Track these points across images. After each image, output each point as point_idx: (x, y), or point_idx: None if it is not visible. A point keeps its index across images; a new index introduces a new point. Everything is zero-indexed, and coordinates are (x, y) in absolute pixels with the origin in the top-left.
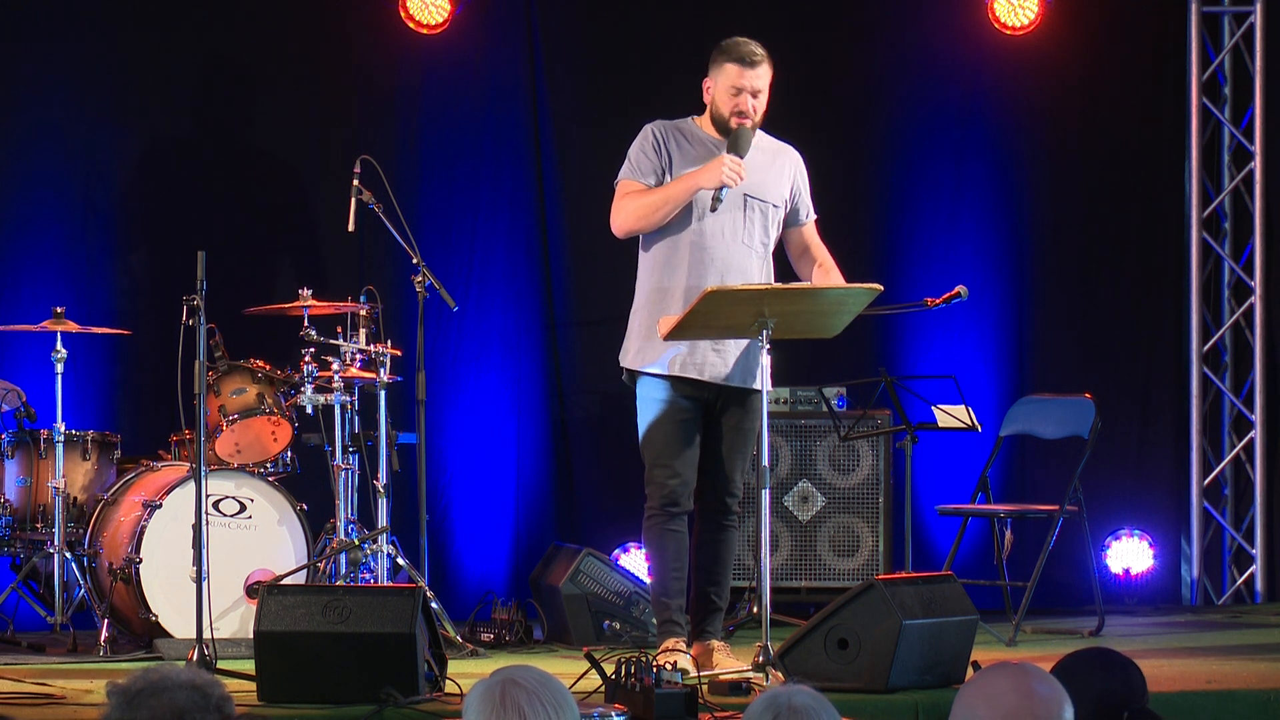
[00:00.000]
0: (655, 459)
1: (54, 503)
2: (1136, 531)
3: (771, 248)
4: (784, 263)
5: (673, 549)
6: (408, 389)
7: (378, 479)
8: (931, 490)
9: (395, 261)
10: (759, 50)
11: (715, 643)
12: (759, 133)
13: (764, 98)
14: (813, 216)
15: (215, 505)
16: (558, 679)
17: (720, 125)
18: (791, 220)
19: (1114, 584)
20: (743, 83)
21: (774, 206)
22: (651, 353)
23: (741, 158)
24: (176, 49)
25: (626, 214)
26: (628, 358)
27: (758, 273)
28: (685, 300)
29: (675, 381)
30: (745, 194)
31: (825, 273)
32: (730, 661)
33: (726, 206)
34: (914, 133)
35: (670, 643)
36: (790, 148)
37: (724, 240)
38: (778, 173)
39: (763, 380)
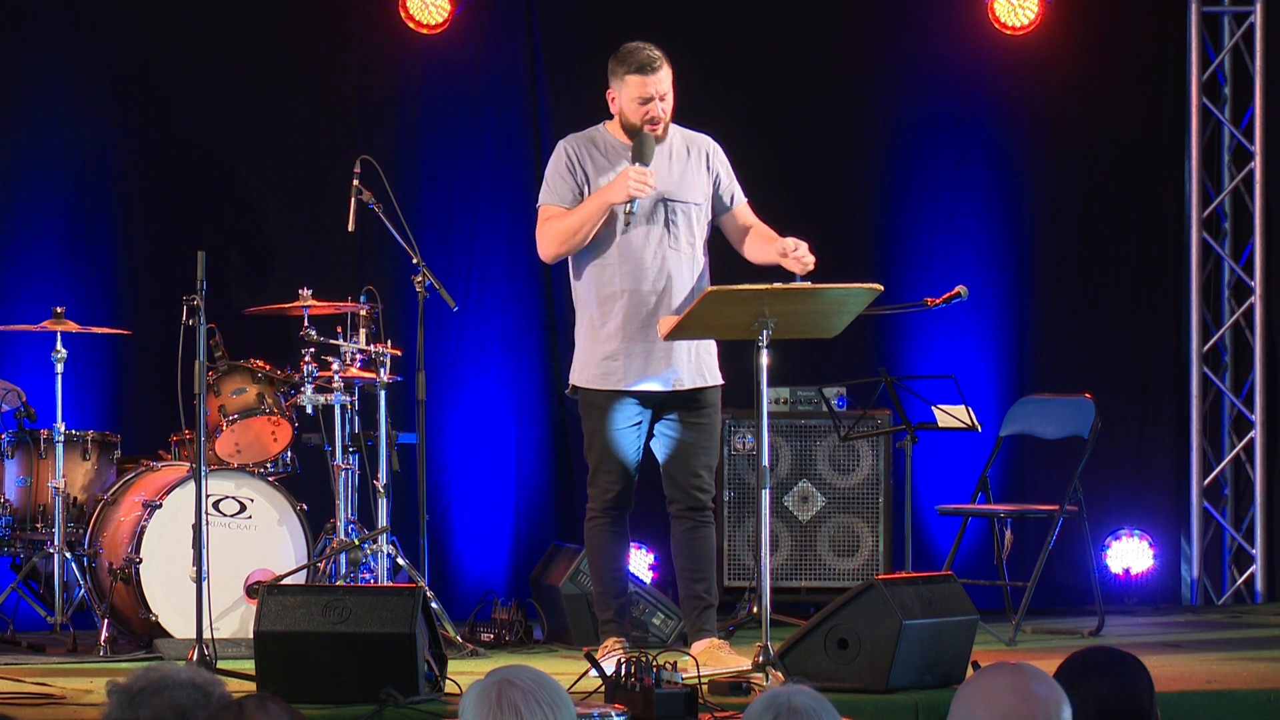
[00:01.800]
0: (597, 464)
1: (54, 503)
2: (1136, 531)
3: (701, 244)
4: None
5: (613, 550)
6: (408, 389)
7: (378, 479)
8: (931, 490)
9: (395, 261)
10: (656, 53)
11: (715, 640)
12: (672, 128)
13: (670, 98)
14: (742, 200)
15: (215, 505)
16: (554, 679)
17: (631, 133)
18: (719, 208)
19: (1114, 584)
20: (648, 90)
21: (695, 205)
22: (594, 371)
23: (646, 165)
24: (176, 48)
25: (549, 240)
26: (573, 374)
27: (689, 274)
28: (627, 303)
29: (608, 393)
30: (665, 198)
31: (767, 239)
32: (730, 658)
33: (646, 215)
34: (914, 133)
35: (611, 642)
36: (705, 137)
37: (650, 246)
38: (695, 169)
39: (762, 380)
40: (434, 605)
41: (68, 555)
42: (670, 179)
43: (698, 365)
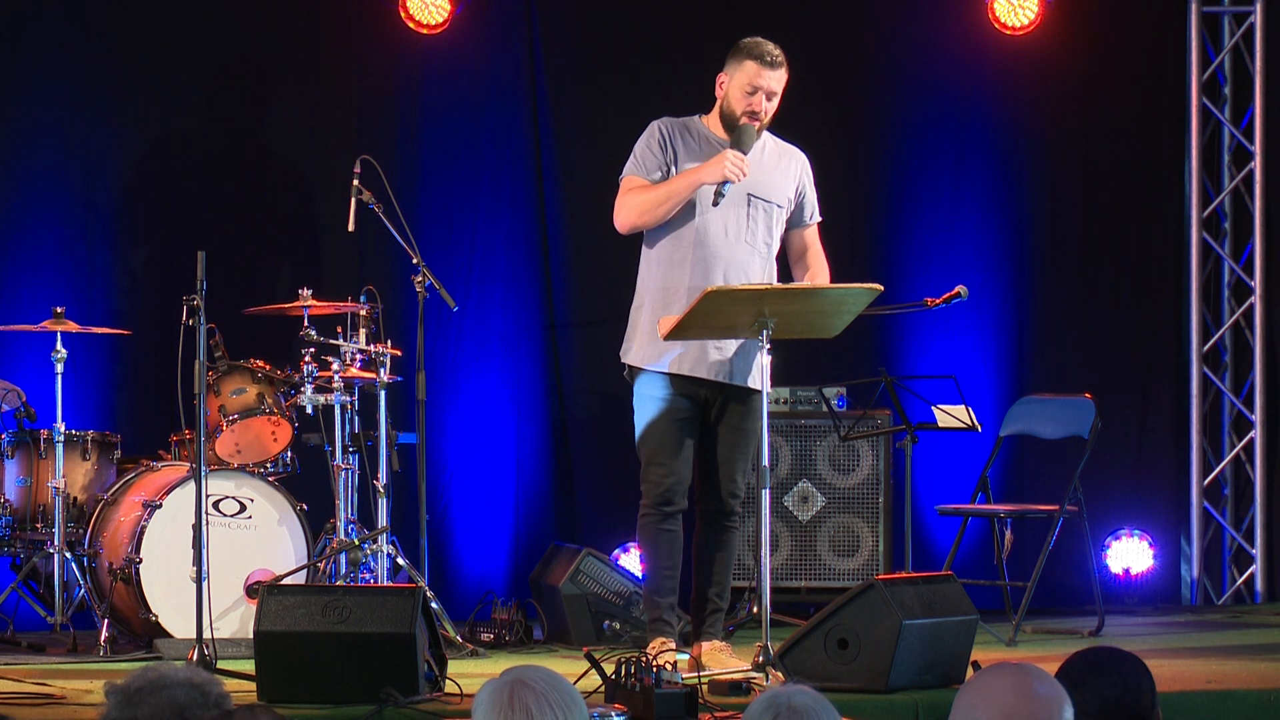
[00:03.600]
0: (650, 457)
1: (54, 503)
2: (1136, 531)
3: (775, 248)
4: (781, 263)
5: (666, 548)
6: (408, 389)
7: (378, 479)
8: (931, 490)
9: (395, 261)
10: (779, 53)
11: (717, 643)
12: (766, 134)
13: (776, 101)
14: (817, 219)
15: (215, 505)
16: (567, 680)
17: (728, 122)
18: (795, 221)
19: (1114, 584)
20: (760, 82)
21: (778, 207)
22: (653, 351)
23: (744, 154)
24: (176, 49)
25: (629, 210)
26: (630, 354)
27: (760, 272)
28: (688, 299)
29: (675, 380)
30: (749, 193)
31: (811, 279)
32: (732, 661)
33: (730, 205)
34: (914, 132)
35: (658, 642)
36: (797, 150)
37: (727, 239)
38: (783, 174)
39: (763, 380)
40: (434, 605)
41: (68, 555)
42: (763, 175)
43: (752, 366)
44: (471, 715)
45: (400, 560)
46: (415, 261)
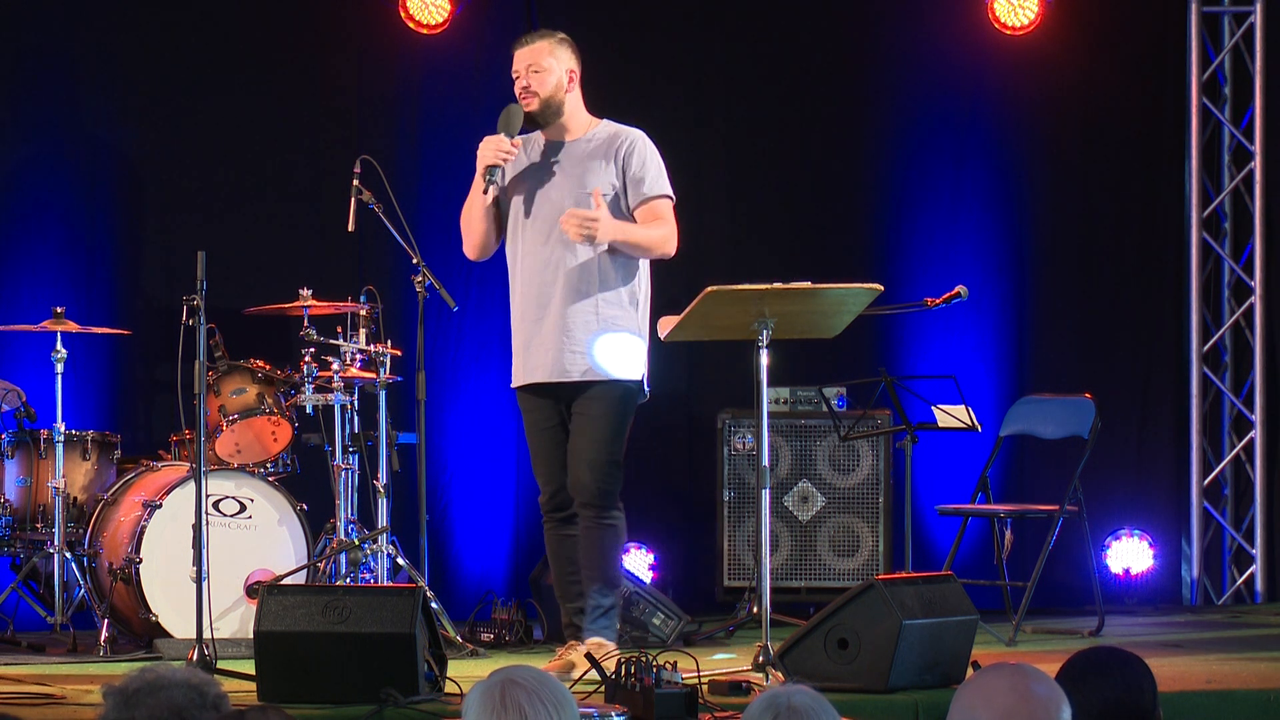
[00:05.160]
0: (533, 470)
1: (54, 503)
2: (1136, 531)
3: None
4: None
5: (565, 554)
6: (408, 389)
7: (378, 479)
8: (931, 490)
9: (395, 261)
10: (536, 33)
11: (595, 640)
12: (602, 124)
13: (550, 75)
14: (659, 192)
15: (215, 505)
16: (557, 678)
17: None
18: (633, 200)
19: (1114, 584)
20: (516, 66)
21: (602, 195)
22: (511, 371)
23: (511, 136)
24: (176, 48)
25: (463, 237)
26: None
27: (585, 270)
28: (522, 301)
29: (525, 393)
30: (575, 192)
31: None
32: (585, 665)
33: (551, 207)
34: (914, 133)
35: (570, 645)
36: (630, 130)
37: (549, 241)
38: (603, 161)
39: (760, 380)
40: (434, 605)
41: (68, 555)
42: (576, 169)
43: (590, 357)
44: (463, 717)
45: (400, 560)
46: (415, 261)
